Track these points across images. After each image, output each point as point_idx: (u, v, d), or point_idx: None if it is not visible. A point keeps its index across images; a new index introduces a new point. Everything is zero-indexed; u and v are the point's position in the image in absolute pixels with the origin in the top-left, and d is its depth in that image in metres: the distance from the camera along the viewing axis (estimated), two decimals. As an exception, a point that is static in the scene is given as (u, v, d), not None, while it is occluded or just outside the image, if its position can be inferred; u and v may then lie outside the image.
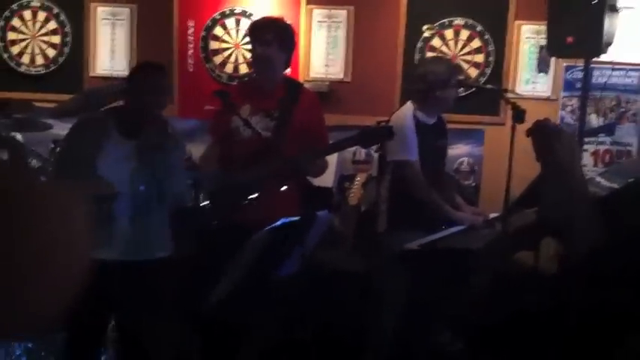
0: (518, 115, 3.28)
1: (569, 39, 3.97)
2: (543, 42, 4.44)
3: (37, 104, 4.39)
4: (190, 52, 5.06)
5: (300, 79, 4.65)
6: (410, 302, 3.49)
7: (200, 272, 3.22)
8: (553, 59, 4.64)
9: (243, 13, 4.99)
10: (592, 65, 4.22)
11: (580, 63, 4.41)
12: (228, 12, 5.01)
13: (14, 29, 5.22)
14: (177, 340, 3.81)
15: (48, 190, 0.96)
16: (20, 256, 0.84)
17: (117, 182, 2.94)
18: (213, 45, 5.05)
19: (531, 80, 4.77)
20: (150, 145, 3.02)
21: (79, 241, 0.92)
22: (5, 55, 5.22)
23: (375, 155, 4.47)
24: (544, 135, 1.85)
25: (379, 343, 3.71)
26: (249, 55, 4.84)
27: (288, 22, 3.66)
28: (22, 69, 5.22)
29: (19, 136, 4.14)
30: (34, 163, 4.25)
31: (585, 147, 4.39)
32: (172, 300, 3.67)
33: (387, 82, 4.87)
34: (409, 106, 3.70)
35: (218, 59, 5.05)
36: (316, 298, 3.65)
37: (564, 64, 4.69)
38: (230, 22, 5.02)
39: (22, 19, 5.21)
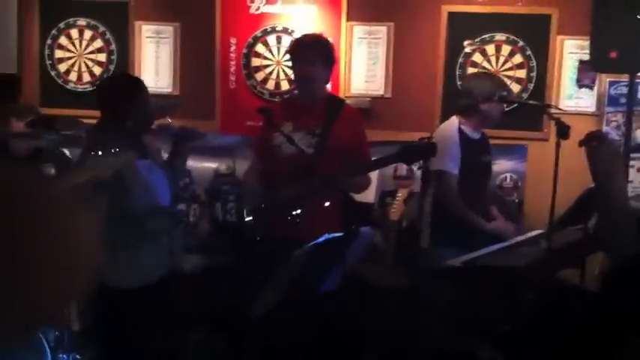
0: (563, 130, 3.25)
1: (613, 54, 3.93)
2: (586, 57, 4.40)
3: (84, 121, 4.48)
4: (232, 69, 5.12)
5: (341, 96, 4.68)
6: (451, 319, 3.46)
7: (242, 286, 3.24)
8: (595, 74, 4.60)
9: (285, 31, 5.05)
10: (637, 80, 4.17)
11: (624, 78, 4.36)
12: (269, 29, 5.07)
13: (61, 47, 5.35)
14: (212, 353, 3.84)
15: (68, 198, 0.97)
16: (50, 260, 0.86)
17: (165, 203, 2.97)
18: (255, 62, 5.10)
19: (574, 95, 4.72)
20: (158, 159, 3.06)
21: (89, 249, 0.94)
22: (53, 73, 5.35)
23: (417, 170, 4.46)
24: (588, 146, 1.85)
25: (419, 358, 3.68)
26: (290, 71, 4.89)
27: (329, 38, 3.69)
28: (70, 86, 5.34)
29: (66, 152, 4.23)
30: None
31: (632, 163, 4.32)
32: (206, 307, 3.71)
33: (428, 97, 4.87)
34: (455, 119, 3.72)
35: (260, 76, 5.11)
36: (357, 314, 3.64)
37: (608, 79, 4.63)
38: (271, 40, 5.07)
39: (69, 37, 5.34)
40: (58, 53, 5.35)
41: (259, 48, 5.09)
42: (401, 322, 3.72)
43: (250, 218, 3.26)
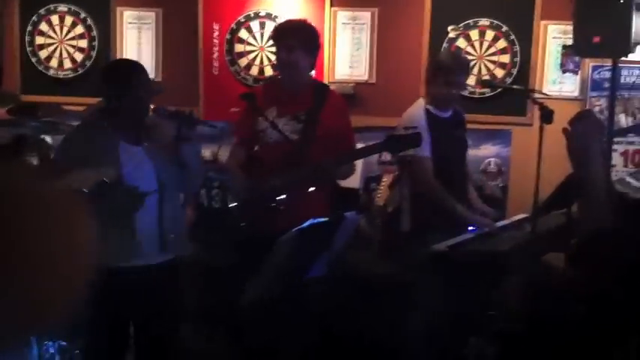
0: (546, 115, 3.27)
1: (596, 39, 3.94)
2: (569, 42, 4.41)
3: (66, 107, 4.44)
4: (215, 55, 5.09)
5: (325, 81, 4.66)
6: (438, 306, 3.47)
7: (230, 275, 3.23)
8: (578, 59, 4.61)
9: (268, 16, 5.01)
10: (620, 65, 4.19)
11: (608, 62, 4.38)
12: (252, 15, 5.04)
13: (42, 34, 5.29)
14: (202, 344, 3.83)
15: (55, 194, 0.95)
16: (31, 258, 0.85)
17: (144, 187, 2.93)
18: (238, 48, 5.07)
19: (558, 80, 4.74)
20: (159, 144, 3.03)
21: (86, 248, 0.92)
22: (34, 59, 5.29)
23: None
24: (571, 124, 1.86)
25: (406, 345, 3.69)
26: (273, 57, 4.86)
27: (312, 24, 3.66)
28: (51, 73, 5.29)
29: (47, 139, 4.19)
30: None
31: (615, 147, 4.35)
32: (195, 301, 3.68)
33: (412, 83, 4.85)
34: (420, 101, 3.72)
35: (243, 62, 5.07)
36: (344, 300, 3.65)
37: (592, 64, 4.65)
38: (255, 25, 5.04)
39: (49, 23, 5.28)
40: (39, 40, 5.29)
41: (242, 34, 5.06)
42: (385, 310, 3.73)
43: (235, 205, 3.25)
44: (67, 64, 5.27)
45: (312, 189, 3.19)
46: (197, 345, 3.79)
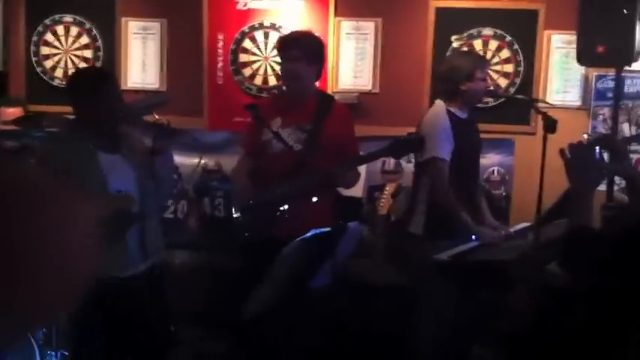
0: (550, 125, 3.27)
1: (600, 48, 3.95)
2: (573, 52, 4.41)
3: (71, 117, 4.46)
4: (220, 65, 5.11)
5: (329, 91, 4.67)
6: (442, 313, 3.47)
7: (234, 284, 3.23)
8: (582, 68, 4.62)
9: (272, 26, 5.03)
10: (623, 74, 4.20)
11: (611, 72, 4.39)
12: (257, 25, 5.06)
13: (47, 44, 5.31)
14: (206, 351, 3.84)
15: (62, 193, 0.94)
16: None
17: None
18: (243, 58, 5.09)
19: (562, 90, 4.74)
20: (136, 152, 3.04)
21: (84, 247, 0.92)
22: (39, 70, 5.31)
23: (405, 164, 4.47)
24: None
25: (411, 353, 3.69)
26: (277, 67, 4.89)
27: (317, 34, 3.68)
28: (56, 83, 5.31)
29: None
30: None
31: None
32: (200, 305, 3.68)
33: (416, 92, 4.87)
34: (440, 103, 3.66)
35: (247, 72, 5.09)
36: (348, 309, 3.65)
37: (595, 73, 4.65)
38: (259, 35, 5.06)
39: (54, 34, 5.30)
40: (44, 50, 5.31)
41: (247, 44, 5.08)
42: (390, 317, 3.73)
43: (238, 215, 3.26)
44: (72, 74, 5.30)
45: (315, 199, 3.20)
46: (201, 348, 3.79)
